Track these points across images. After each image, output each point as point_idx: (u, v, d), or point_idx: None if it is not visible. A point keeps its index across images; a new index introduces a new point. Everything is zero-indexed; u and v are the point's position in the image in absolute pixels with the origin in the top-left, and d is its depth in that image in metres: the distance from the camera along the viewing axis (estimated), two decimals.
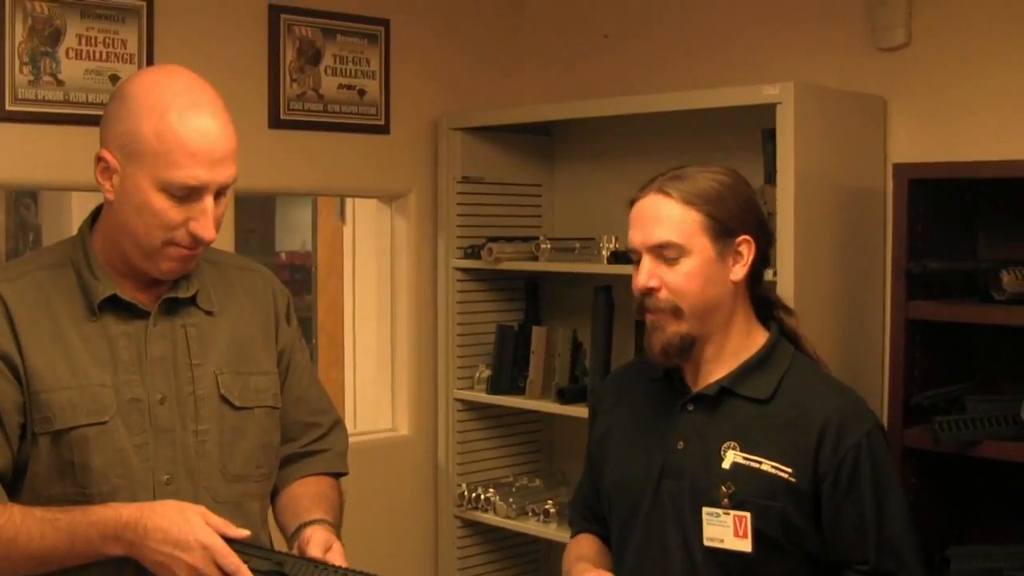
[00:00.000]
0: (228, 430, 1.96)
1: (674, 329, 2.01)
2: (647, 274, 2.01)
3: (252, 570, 1.77)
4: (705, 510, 2.00)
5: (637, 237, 2.03)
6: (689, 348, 2.03)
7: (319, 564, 1.82)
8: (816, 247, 2.83)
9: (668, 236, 1.99)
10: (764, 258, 2.09)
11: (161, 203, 1.82)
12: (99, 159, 1.86)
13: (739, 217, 2.02)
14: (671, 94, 3.13)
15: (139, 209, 1.83)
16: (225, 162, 1.85)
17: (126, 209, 1.85)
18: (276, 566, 1.79)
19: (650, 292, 2.01)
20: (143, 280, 1.93)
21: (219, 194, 1.87)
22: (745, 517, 1.97)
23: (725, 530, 1.98)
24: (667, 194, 2.00)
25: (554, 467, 3.84)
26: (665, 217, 2.00)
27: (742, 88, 2.91)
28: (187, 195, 1.82)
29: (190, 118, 1.81)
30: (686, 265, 1.99)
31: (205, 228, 1.85)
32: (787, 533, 1.98)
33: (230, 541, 1.79)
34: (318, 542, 1.88)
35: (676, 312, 2.00)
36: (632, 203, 2.07)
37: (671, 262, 1.99)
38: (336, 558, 1.85)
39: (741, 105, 2.89)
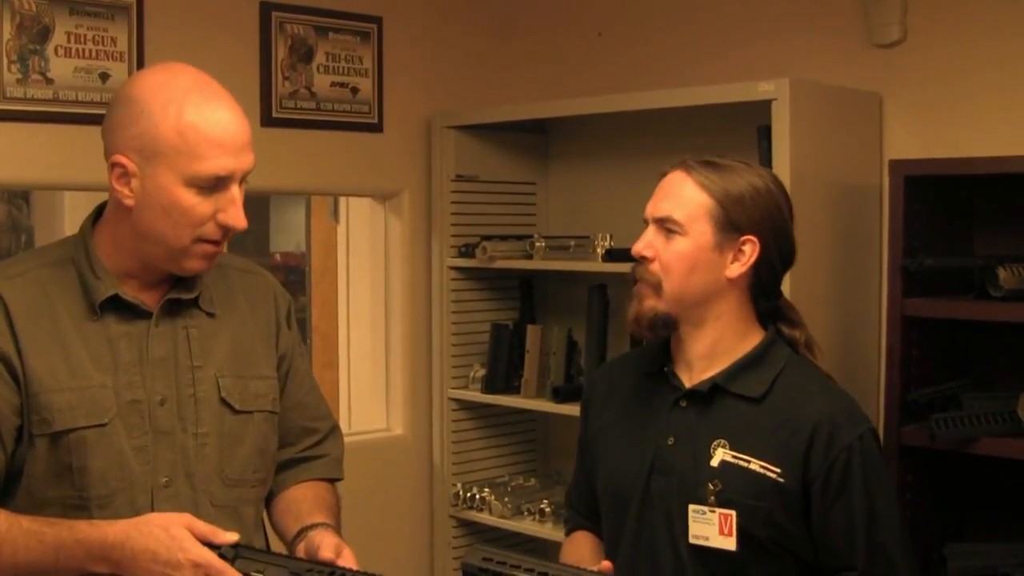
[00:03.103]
0: (227, 434, 1.94)
1: (651, 304, 2.01)
2: (644, 243, 2.02)
3: None
4: (691, 507, 1.99)
5: (650, 207, 2.05)
6: (664, 327, 2.03)
7: (336, 569, 1.79)
8: (812, 244, 2.81)
9: (671, 211, 1.99)
10: (772, 267, 2.05)
11: (190, 199, 1.80)
12: (114, 165, 1.82)
13: (753, 219, 1.99)
14: (666, 91, 3.11)
15: (167, 209, 1.81)
16: (246, 149, 1.85)
17: (151, 212, 1.82)
18: None
19: (643, 260, 2.02)
20: (146, 281, 1.91)
21: (242, 180, 1.86)
22: (730, 515, 1.95)
23: (710, 528, 1.97)
24: (688, 172, 2.01)
25: (549, 466, 3.83)
26: (676, 193, 2.01)
27: (737, 85, 2.90)
28: (215, 186, 1.81)
29: (208, 110, 1.80)
30: (680, 244, 1.99)
31: (236, 217, 1.84)
32: (773, 534, 1.96)
33: (247, 548, 1.77)
34: (329, 546, 1.86)
35: (657, 288, 2.01)
36: (661, 175, 2.07)
37: (669, 236, 2.00)
38: (348, 562, 1.83)
39: (736, 102, 2.88)
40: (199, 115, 1.79)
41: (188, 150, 1.78)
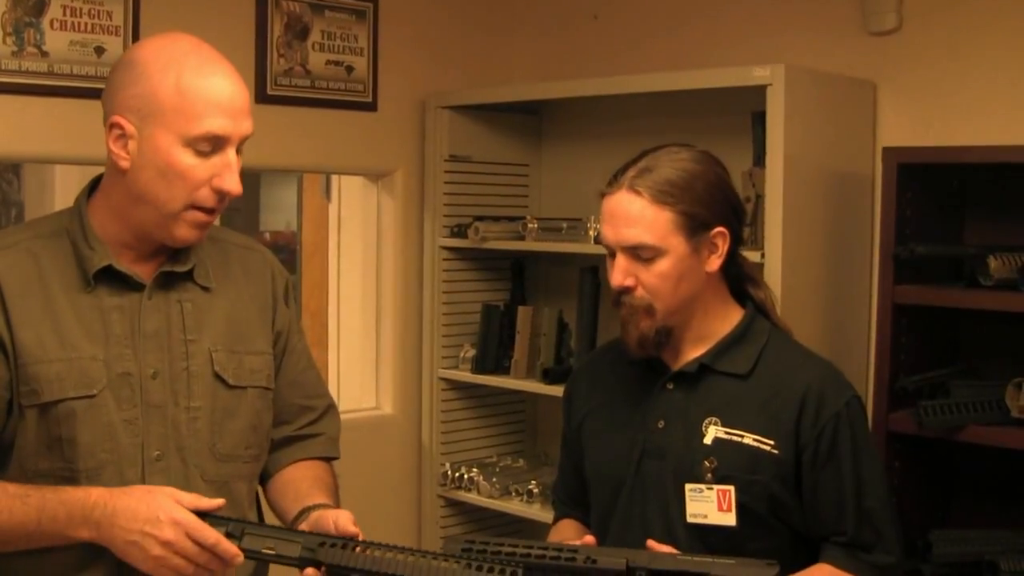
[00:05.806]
0: (220, 408, 1.93)
1: (648, 324, 2.01)
2: (623, 273, 2.00)
3: (279, 556, 1.74)
4: (688, 487, 2.00)
5: (610, 235, 2.02)
6: (665, 340, 2.04)
7: (349, 541, 1.78)
8: (804, 230, 2.83)
9: (642, 238, 1.97)
10: (737, 239, 2.07)
11: (186, 160, 1.80)
12: (112, 126, 1.82)
13: (711, 208, 2.00)
14: (660, 74, 3.11)
15: (162, 171, 1.81)
16: (245, 113, 1.85)
17: (146, 174, 1.82)
18: (308, 552, 1.74)
19: (626, 290, 2.01)
20: (141, 253, 1.90)
21: (238, 150, 1.86)
22: (729, 491, 1.97)
23: (708, 505, 1.98)
24: (637, 192, 1.98)
25: (538, 447, 3.85)
26: (637, 217, 1.98)
27: (732, 69, 2.90)
28: (212, 149, 1.81)
29: (207, 73, 1.81)
30: (661, 265, 1.98)
31: (231, 182, 1.84)
32: (772, 507, 1.98)
33: (254, 524, 1.77)
34: (347, 520, 1.83)
35: (649, 310, 2.00)
36: (602, 196, 2.05)
37: (646, 261, 1.98)
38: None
39: (731, 87, 2.88)
40: (199, 75, 1.80)
41: (187, 109, 1.79)
